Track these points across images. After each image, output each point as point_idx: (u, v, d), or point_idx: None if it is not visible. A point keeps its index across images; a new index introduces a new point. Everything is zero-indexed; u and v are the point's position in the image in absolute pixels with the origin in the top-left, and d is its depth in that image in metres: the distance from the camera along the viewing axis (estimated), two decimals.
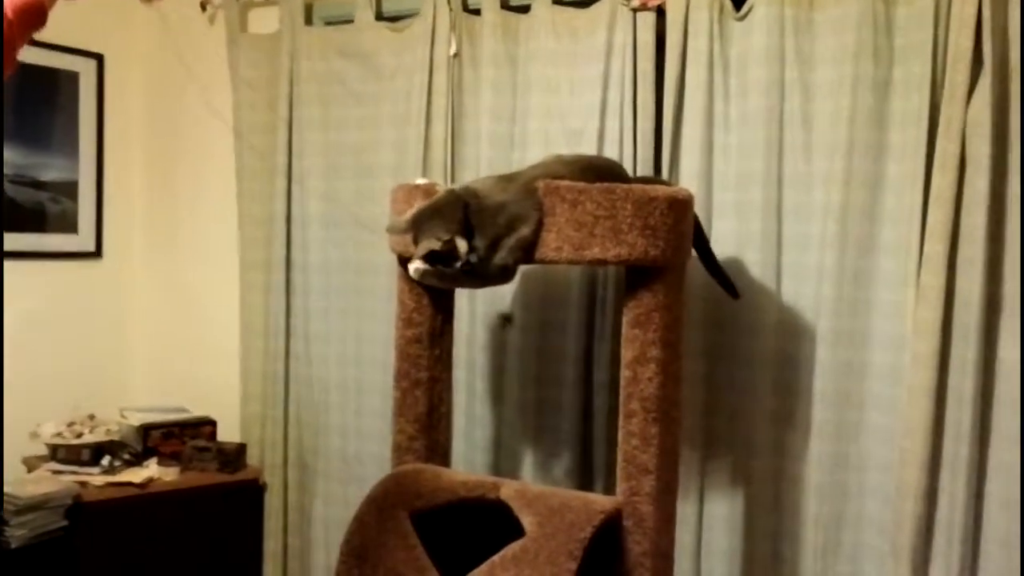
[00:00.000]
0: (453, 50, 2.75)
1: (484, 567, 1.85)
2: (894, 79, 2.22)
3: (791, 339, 2.35)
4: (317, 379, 3.03)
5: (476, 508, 2.02)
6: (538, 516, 1.86)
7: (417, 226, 1.92)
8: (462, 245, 1.86)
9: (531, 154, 2.59)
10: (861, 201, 2.24)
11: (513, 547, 1.84)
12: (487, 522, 2.02)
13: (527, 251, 1.91)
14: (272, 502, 3.06)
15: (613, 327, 2.50)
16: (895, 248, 2.22)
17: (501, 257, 1.90)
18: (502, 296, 2.70)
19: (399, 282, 2.23)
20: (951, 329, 2.12)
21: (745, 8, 2.39)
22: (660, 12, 2.47)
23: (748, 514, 2.41)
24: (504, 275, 1.94)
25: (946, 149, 2.09)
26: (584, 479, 2.60)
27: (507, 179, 1.98)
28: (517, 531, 1.91)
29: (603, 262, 1.87)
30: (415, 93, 2.80)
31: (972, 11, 2.05)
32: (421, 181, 2.20)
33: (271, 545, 3.07)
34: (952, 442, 2.12)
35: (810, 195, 2.32)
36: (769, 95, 2.33)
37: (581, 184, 1.89)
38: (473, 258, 1.89)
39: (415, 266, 1.97)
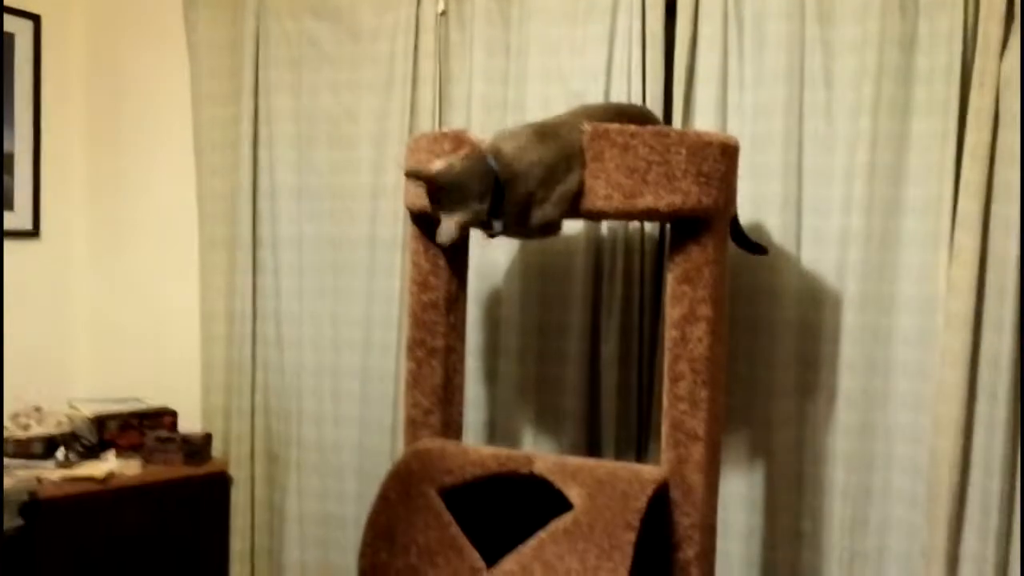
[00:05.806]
0: (441, 8, 2.60)
1: (532, 542, 1.69)
2: (920, 34, 2.16)
3: (813, 306, 2.27)
4: (289, 364, 2.83)
5: (495, 484, 1.86)
6: (586, 488, 1.71)
7: (441, 195, 1.75)
8: (483, 215, 1.76)
9: (529, 118, 2.44)
10: (888, 161, 2.18)
11: (563, 520, 1.68)
12: (509, 498, 1.87)
13: (573, 203, 1.76)
14: (239, 498, 2.84)
15: (623, 299, 2.38)
16: (923, 209, 2.16)
17: (542, 214, 1.76)
18: (494, 268, 2.54)
19: (412, 242, 2.05)
20: (985, 289, 2.06)
21: None
22: None
23: (769, 490, 2.31)
24: (548, 230, 1.82)
25: (980, 105, 2.04)
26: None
27: (540, 131, 1.82)
28: (545, 506, 1.76)
29: (655, 212, 1.74)
30: (399, 56, 2.64)
31: None
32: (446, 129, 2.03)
33: (238, 544, 2.84)
34: (987, 406, 2.06)
35: (832, 157, 2.24)
36: (789, 53, 2.26)
37: (632, 127, 1.76)
38: (498, 227, 1.80)
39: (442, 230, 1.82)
